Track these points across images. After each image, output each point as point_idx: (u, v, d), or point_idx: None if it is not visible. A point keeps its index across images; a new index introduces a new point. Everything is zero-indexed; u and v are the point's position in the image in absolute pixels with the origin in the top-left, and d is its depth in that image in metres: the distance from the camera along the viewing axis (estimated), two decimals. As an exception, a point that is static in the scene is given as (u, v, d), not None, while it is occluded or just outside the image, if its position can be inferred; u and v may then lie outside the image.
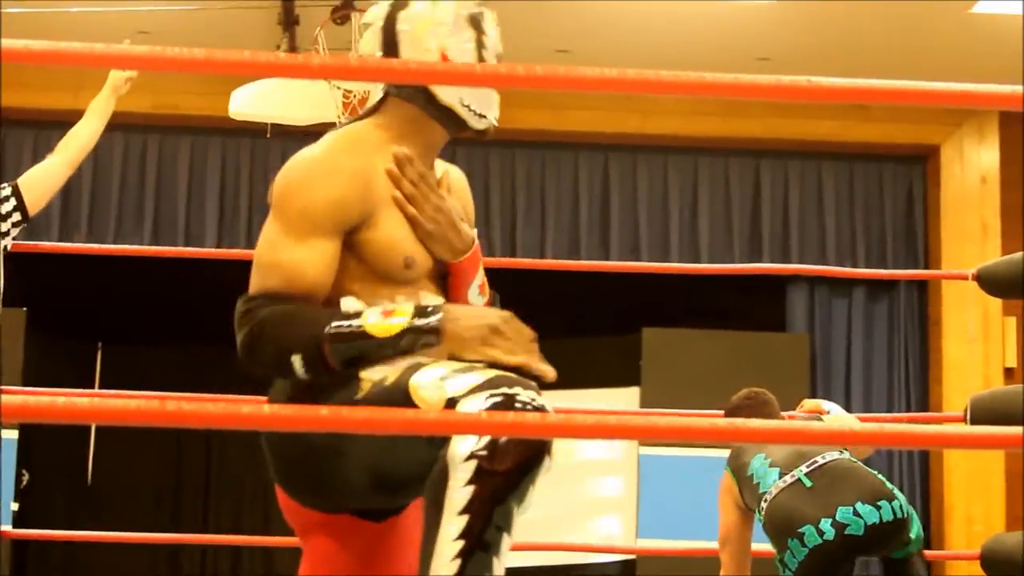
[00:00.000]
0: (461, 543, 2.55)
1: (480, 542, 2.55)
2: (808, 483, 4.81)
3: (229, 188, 11.93)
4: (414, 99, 3.15)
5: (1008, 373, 11.73)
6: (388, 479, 2.77)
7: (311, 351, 2.78)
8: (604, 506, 14.07)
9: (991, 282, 5.61)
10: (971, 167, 12.25)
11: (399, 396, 2.69)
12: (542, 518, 14.15)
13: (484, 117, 3.17)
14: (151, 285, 13.07)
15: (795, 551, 4.71)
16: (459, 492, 2.56)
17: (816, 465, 4.89)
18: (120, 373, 12.51)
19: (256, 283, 3.14)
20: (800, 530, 4.74)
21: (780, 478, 4.89)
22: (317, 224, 3.07)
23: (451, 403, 2.63)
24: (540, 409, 2.61)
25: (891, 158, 12.50)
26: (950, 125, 12.23)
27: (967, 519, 11.32)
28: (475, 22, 3.14)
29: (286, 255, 3.06)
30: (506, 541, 2.60)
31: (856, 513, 4.74)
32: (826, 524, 4.74)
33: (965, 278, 5.78)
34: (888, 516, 4.78)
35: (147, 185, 11.81)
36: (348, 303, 2.91)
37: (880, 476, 4.99)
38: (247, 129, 11.47)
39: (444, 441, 2.59)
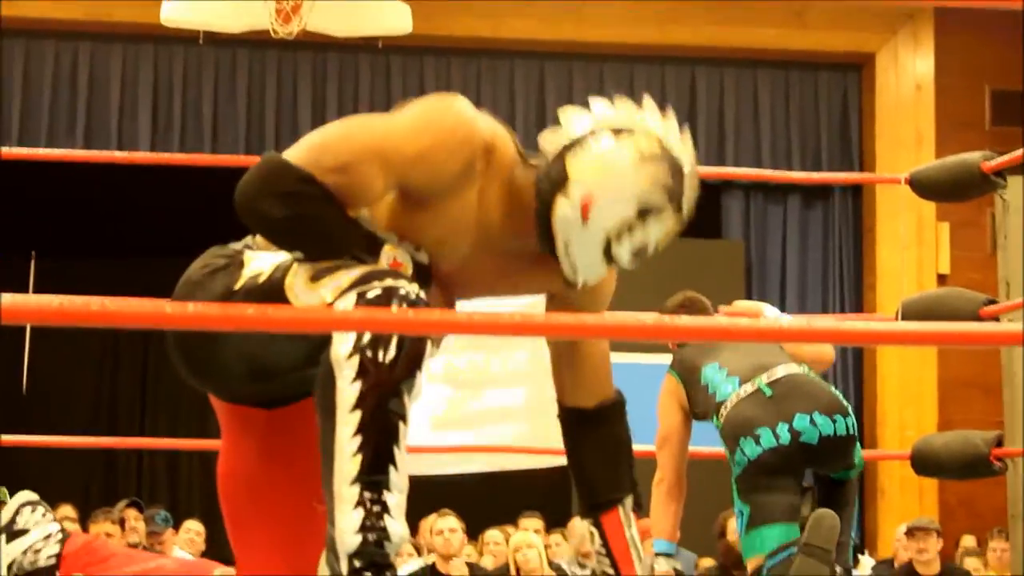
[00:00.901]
0: (359, 439, 2.55)
1: (378, 435, 2.55)
2: (768, 392, 4.84)
3: (162, 96, 11.82)
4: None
5: (941, 279, 11.83)
6: (262, 369, 2.75)
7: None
8: (536, 413, 14.13)
9: (924, 186, 5.63)
10: (906, 75, 12.28)
11: (271, 292, 2.66)
12: (471, 423, 14.23)
13: (574, 274, 2.96)
14: (85, 196, 12.97)
15: (748, 450, 4.74)
16: (348, 390, 2.55)
17: (776, 377, 4.91)
18: (54, 285, 12.41)
19: (317, 161, 2.80)
20: (756, 431, 4.78)
21: (740, 387, 4.91)
22: (419, 170, 2.85)
23: (328, 301, 2.61)
24: (419, 302, 2.60)
25: (827, 66, 12.51)
26: (886, 33, 12.24)
27: (900, 425, 11.44)
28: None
29: (367, 166, 2.81)
30: (403, 429, 2.60)
31: (812, 422, 4.78)
32: (783, 428, 4.77)
33: (898, 182, 5.79)
34: (842, 431, 4.83)
35: (79, 94, 11.68)
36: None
37: (836, 392, 5.03)
38: (180, 37, 11.38)
39: (320, 338, 2.57)
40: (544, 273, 3.12)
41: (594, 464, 3.21)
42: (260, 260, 2.82)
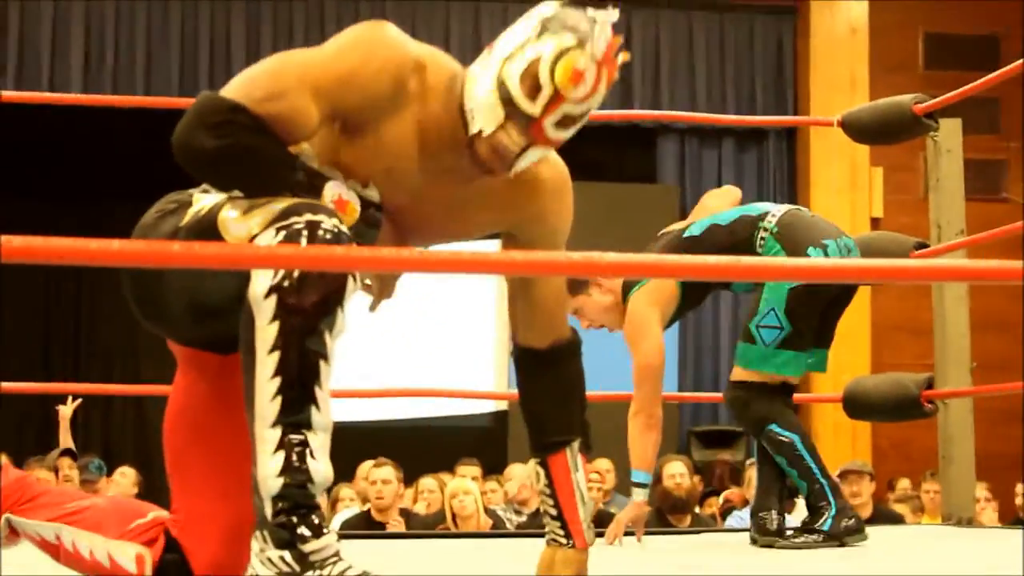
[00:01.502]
0: (278, 380, 2.51)
1: (298, 375, 2.52)
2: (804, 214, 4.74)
3: (94, 43, 11.70)
4: None
5: (874, 223, 11.88)
6: (201, 307, 2.73)
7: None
8: (473, 360, 14.15)
9: (856, 128, 5.64)
10: (841, 18, 12.30)
11: (208, 228, 2.64)
12: (410, 364, 14.25)
13: (472, 121, 2.83)
14: (17, 138, 12.83)
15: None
16: (266, 330, 2.51)
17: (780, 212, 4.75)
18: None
19: (248, 93, 2.76)
20: (824, 241, 4.57)
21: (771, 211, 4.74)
22: (350, 90, 2.81)
23: (253, 237, 2.58)
24: (342, 236, 2.56)
25: (762, 9, 12.52)
26: (821, -24, 12.28)
27: (833, 369, 11.46)
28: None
29: (297, 93, 2.78)
30: (324, 368, 2.57)
31: (845, 246, 4.65)
32: (844, 240, 4.65)
33: (830, 124, 5.80)
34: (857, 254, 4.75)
35: (10, 38, 11.55)
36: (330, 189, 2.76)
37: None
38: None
39: (248, 274, 2.54)
40: (497, 204, 3.09)
41: (544, 405, 3.20)
42: (206, 199, 2.79)
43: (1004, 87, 9.89)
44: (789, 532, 4.69)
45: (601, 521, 7.82)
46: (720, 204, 5.10)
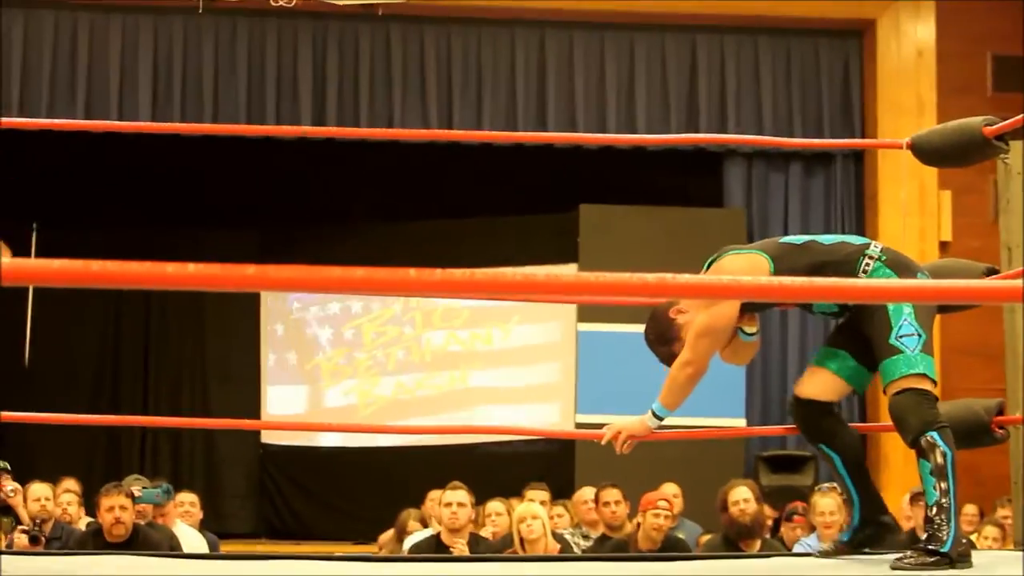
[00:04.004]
0: None
1: None
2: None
3: (162, 67, 11.80)
4: None
5: (943, 246, 11.80)
6: None
7: None
8: (543, 390, 14.18)
9: (925, 151, 5.60)
10: (907, 41, 12.24)
11: None
12: (482, 400, 14.28)
13: None
14: (87, 166, 12.97)
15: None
16: None
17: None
18: (55, 255, 12.37)
19: None
20: (921, 272, 4.81)
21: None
22: None
23: None
24: None
25: (827, 32, 12.48)
26: (886, -1, 12.22)
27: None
28: None
29: None
30: None
31: None
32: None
33: (900, 147, 5.75)
34: None
35: (79, 64, 11.66)
36: None
37: None
38: (179, 7, 11.36)
39: None
40: None
41: None
42: None
43: (1074, 109, 9.80)
44: (901, 555, 4.66)
45: (669, 547, 7.82)
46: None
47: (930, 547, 4.55)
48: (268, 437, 14.70)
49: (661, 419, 4.92)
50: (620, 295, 2.04)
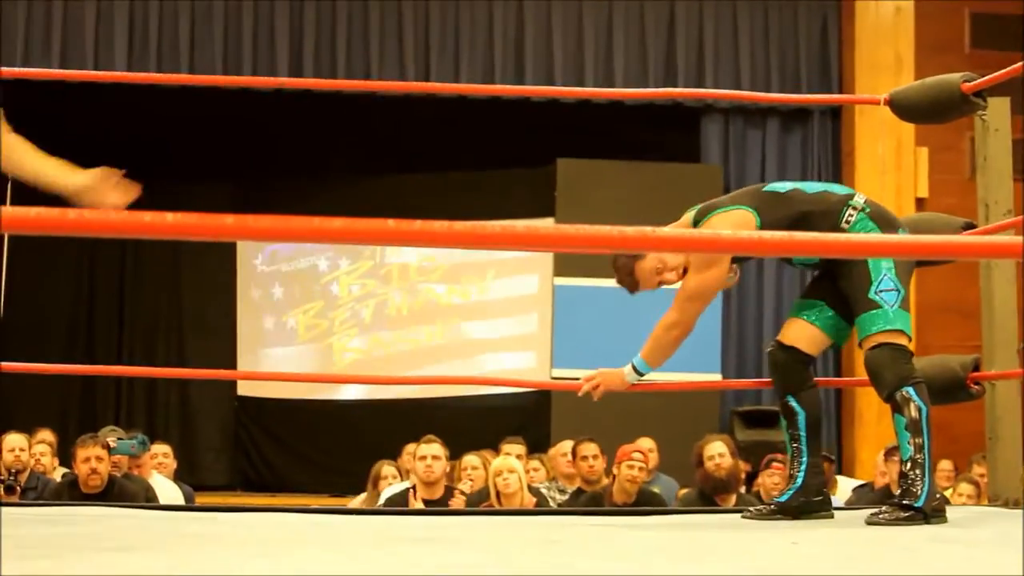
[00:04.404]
0: None
1: None
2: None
3: (138, 18, 11.73)
4: None
5: (919, 203, 11.83)
6: None
7: None
8: (519, 342, 14.20)
9: (903, 107, 5.60)
10: (885, -2, 12.24)
11: None
12: (459, 353, 14.29)
13: None
14: (62, 117, 12.89)
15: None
16: None
17: None
18: (30, 205, 12.31)
19: None
20: (903, 228, 4.87)
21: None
22: None
23: None
24: None
25: (807, -8, 12.48)
26: (865, -44, 12.21)
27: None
28: None
29: None
30: None
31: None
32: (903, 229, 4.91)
33: (877, 103, 5.75)
34: None
35: (54, 15, 11.59)
36: None
37: None
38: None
39: None
40: None
41: None
42: None
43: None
44: (876, 510, 4.67)
45: (642, 500, 7.84)
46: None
47: (904, 502, 4.57)
48: (243, 389, 14.70)
49: (641, 375, 4.94)
50: (600, 248, 2.03)
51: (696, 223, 4.90)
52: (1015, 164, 5.80)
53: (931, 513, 4.57)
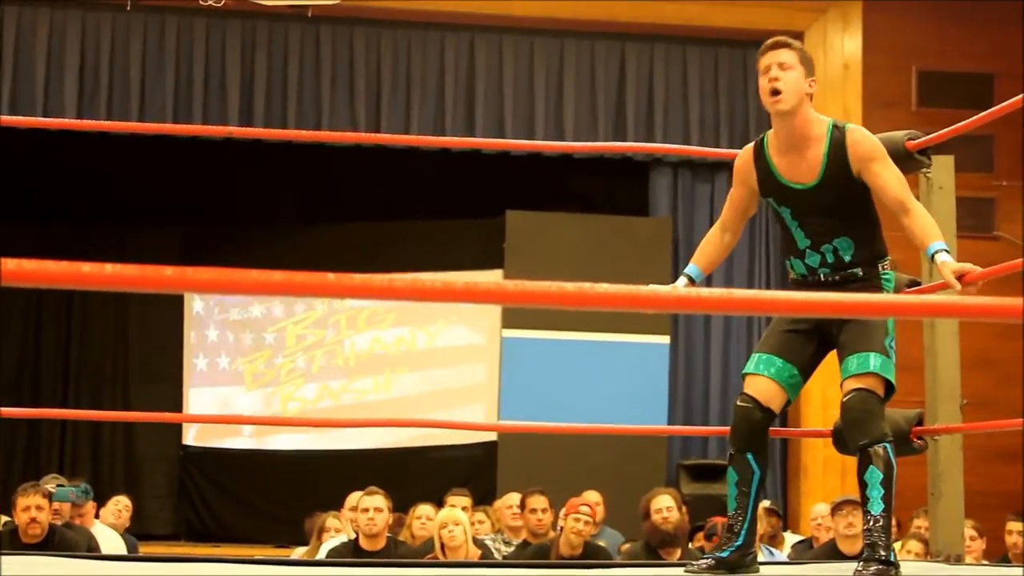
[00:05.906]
0: None
1: None
2: None
3: (89, 63, 11.70)
4: None
5: (867, 259, 11.88)
6: None
7: None
8: (466, 393, 14.16)
9: (849, 163, 5.63)
10: (834, 54, 12.33)
11: None
12: (406, 405, 14.25)
13: None
14: (9, 162, 12.83)
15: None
16: None
17: None
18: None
19: None
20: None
21: None
22: None
23: None
24: None
25: (756, 43, 12.45)
26: (815, 12, 12.29)
27: (823, 403, 11.48)
28: None
29: None
30: None
31: None
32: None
33: (824, 159, 5.78)
34: None
35: (4, 57, 11.55)
36: None
37: None
38: (108, 3, 11.28)
39: None
40: None
41: None
42: None
43: (997, 125, 9.92)
44: (860, 567, 4.66)
45: (588, 553, 7.82)
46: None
47: (880, 555, 4.59)
48: (189, 438, 14.62)
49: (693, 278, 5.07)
50: (539, 303, 2.03)
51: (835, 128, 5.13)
52: (959, 222, 5.84)
53: (898, 566, 4.63)
